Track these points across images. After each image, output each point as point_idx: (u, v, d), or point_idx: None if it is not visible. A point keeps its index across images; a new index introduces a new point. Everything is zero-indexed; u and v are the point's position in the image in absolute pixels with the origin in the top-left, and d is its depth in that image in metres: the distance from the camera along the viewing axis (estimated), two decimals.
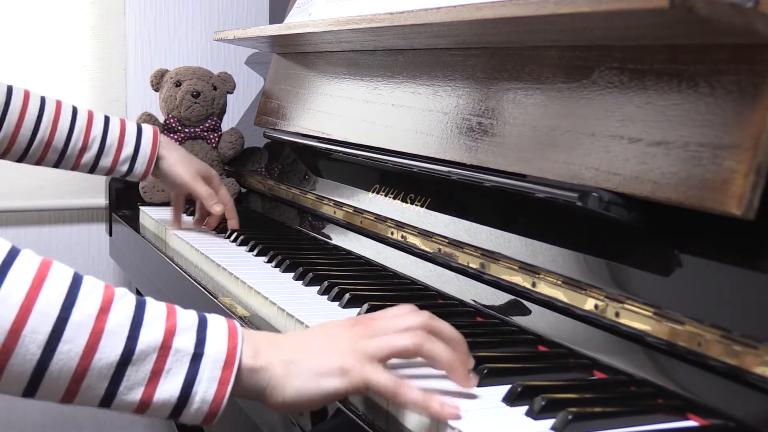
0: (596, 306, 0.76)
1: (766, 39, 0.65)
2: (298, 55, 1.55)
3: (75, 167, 1.29)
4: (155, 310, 0.65)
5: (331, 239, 1.26)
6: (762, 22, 0.63)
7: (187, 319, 0.66)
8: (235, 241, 1.30)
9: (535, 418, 0.64)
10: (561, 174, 0.83)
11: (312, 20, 1.33)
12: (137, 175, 1.31)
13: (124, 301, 0.65)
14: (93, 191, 1.89)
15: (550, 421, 0.63)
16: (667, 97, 0.74)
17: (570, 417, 0.62)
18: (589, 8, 0.70)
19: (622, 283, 0.75)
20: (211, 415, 0.65)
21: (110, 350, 0.62)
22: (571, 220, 0.84)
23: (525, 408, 0.65)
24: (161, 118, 1.61)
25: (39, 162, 1.28)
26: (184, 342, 0.64)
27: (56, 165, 1.29)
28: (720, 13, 0.62)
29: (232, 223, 1.34)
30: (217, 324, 0.67)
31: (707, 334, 0.65)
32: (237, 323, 0.68)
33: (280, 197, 1.48)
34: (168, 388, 0.64)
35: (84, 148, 1.28)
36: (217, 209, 1.31)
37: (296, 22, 1.42)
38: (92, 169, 1.30)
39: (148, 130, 1.31)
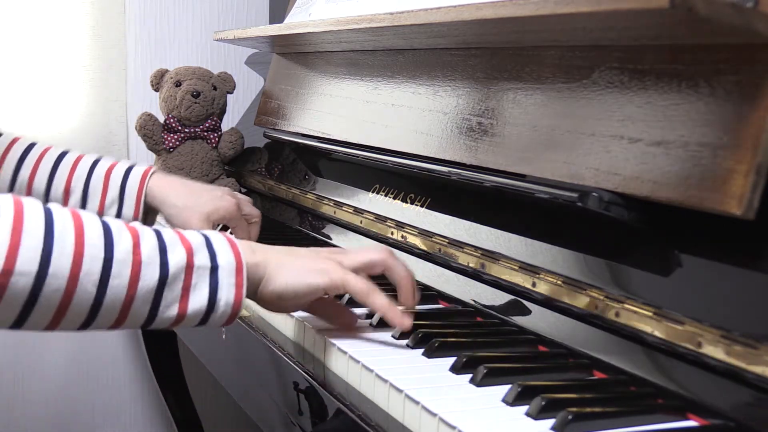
0: (596, 306, 0.76)
1: (766, 39, 0.65)
2: (298, 55, 1.55)
3: None
4: (169, 234, 0.75)
5: (331, 239, 1.26)
6: (762, 22, 0.63)
7: (195, 237, 0.76)
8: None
9: (535, 418, 0.64)
10: (561, 174, 0.83)
11: (312, 20, 1.33)
12: (127, 220, 1.00)
13: (145, 232, 0.74)
14: None
15: (550, 421, 0.63)
16: (667, 97, 0.74)
17: (570, 417, 0.62)
18: (589, 8, 0.70)
19: (622, 283, 0.75)
20: (233, 315, 0.76)
21: (150, 278, 0.72)
22: (571, 220, 0.84)
23: (525, 408, 0.65)
24: (161, 118, 1.61)
25: None
26: (202, 259, 0.75)
27: None
28: (720, 13, 0.62)
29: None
30: (217, 238, 0.77)
31: (707, 334, 0.65)
32: (225, 233, 0.79)
33: (280, 197, 1.48)
34: (198, 300, 0.74)
35: (67, 192, 1.12)
36: None
37: (296, 22, 1.42)
38: None
39: (137, 170, 1.15)
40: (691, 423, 0.65)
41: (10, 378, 1.92)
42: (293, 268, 0.79)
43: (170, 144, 1.59)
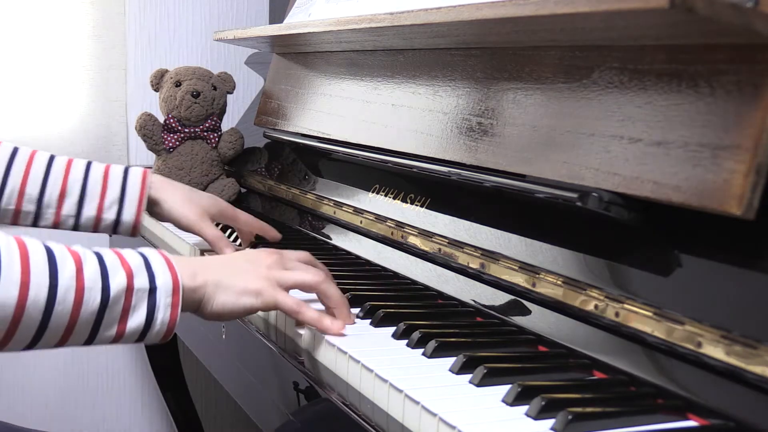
0: (596, 306, 0.76)
1: (766, 39, 0.65)
2: (298, 55, 1.55)
3: (57, 221, 1.12)
4: (110, 257, 0.78)
5: (331, 239, 1.26)
6: (762, 22, 0.63)
7: (134, 259, 0.79)
8: (235, 240, 1.30)
9: (535, 418, 0.64)
10: (561, 174, 0.83)
11: (312, 20, 1.33)
12: (127, 223, 1.13)
13: (88, 256, 0.77)
14: None
15: (550, 421, 0.63)
16: (667, 97, 0.74)
17: (570, 417, 0.62)
18: (589, 8, 0.70)
19: (622, 283, 0.75)
20: (168, 333, 0.80)
21: (92, 302, 0.75)
22: (571, 220, 0.84)
23: (525, 408, 0.65)
24: (161, 118, 1.61)
25: (15, 219, 1.11)
26: (141, 281, 0.78)
27: (35, 221, 1.12)
28: (720, 13, 0.62)
29: (272, 235, 1.23)
30: (156, 258, 0.80)
31: (707, 334, 0.65)
32: (164, 252, 0.82)
33: (280, 197, 1.48)
34: (136, 321, 0.78)
35: (63, 195, 1.10)
36: (227, 252, 1.15)
37: (296, 22, 1.42)
38: (76, 221, 1.12)
39: (136, 170, 1.15)
40: (691, 423, 0.65)
41: (10, 378, 1.92)
42: (229, 289, 0.83)
43: (170, 144, 1.59)
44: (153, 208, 1.17)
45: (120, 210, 1.12)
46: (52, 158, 1.12)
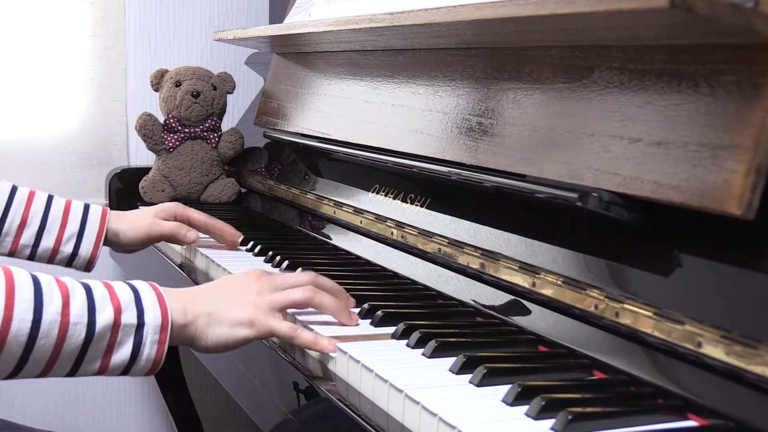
0: (596, 306, 0.76)
1: (766, 39, 0.65)
2: (298, 55, 1.55)
3: (13, 250, 1.15)
4: (100, 291, 0.77)
5: (330, 239, 1.26)
6: (762, 22, 0.63)
7: (125, 293, 0.78)
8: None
9: (535, 418, 0.64)
10: (561, 174, 0.83)
11: (312, 20, 1.33)
12: (83, 257, 1.17)
13: (77, 290, 0.76)
14: (92, 192, 1.89)
15: (550, 421, 0.63)
16: (667, 97, 0.74)
17: (570, 417, 0.62)
18: (589, 8, 0.70)
19: (622, 283, 0.75)
20: (154, 368, 0.79)
21: (76, 337, 0.74)
22: (571, 220, 0.84)
23: (525, 408, 0.65)
24: (161, 118, 1.61)
25: None
26: (129, 317, 0.76)
27: None
28: (720, 13, 0.62)
29: (229, 233, 1.25)
30: (147, 292, 0.79)
31: (707, 334, 0.65)
32: (156, 285, 0.80)
33: (280, 197, 1.48)
34: (120, 356, 0.77)
35: (23, 225, 1.14)
36: (190, 237, 1.21)
37: (296, 22, 1.42)
38: (33, 250, 1.15)
39: (96, 208, 1.20)
40: (691, 423, 0.65)
41: None
42: (222, 322, 0.81)
43: (170, 144, 1.59)
44: (114, 242, 1.21)
45: (77, 244, 1.16)
46: (14, 189, 1.16)
